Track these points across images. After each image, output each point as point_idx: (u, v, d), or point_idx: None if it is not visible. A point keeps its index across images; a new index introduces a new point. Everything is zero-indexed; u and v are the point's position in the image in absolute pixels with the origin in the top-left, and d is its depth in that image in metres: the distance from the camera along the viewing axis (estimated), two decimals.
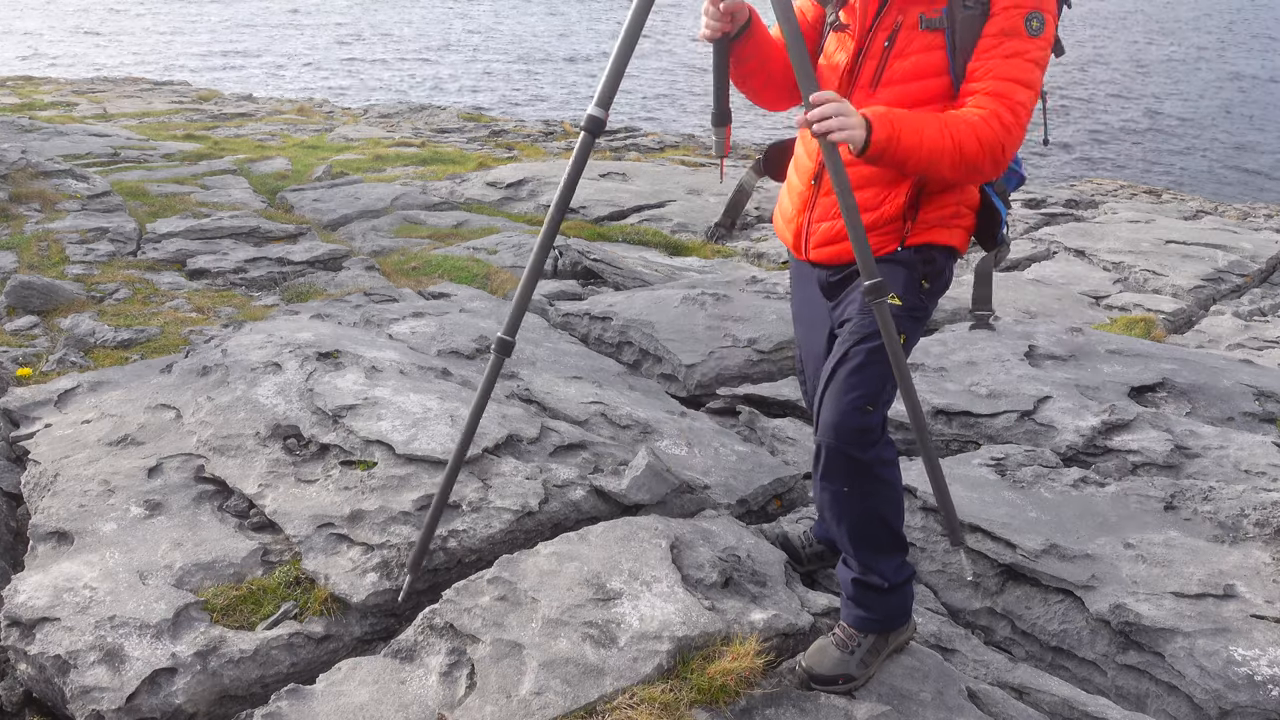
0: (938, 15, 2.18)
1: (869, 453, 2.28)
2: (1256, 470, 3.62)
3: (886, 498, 2.38)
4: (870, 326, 2.27)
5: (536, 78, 29.45)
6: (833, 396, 2.28)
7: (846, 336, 2.32)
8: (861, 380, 2.26)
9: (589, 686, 2.29)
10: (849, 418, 2.26)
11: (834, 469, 2.31)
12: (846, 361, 2.29)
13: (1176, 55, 38.72)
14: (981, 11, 2.16)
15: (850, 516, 2.37)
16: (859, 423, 2.26)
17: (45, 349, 4.56)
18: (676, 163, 11.68)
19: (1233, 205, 13.47)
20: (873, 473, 2.31)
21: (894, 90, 2.25)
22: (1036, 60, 2.17)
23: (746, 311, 5.15)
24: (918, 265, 2.34)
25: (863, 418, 2.26)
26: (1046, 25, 2.16)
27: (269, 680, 2.44)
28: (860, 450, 2.27)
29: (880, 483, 2.34)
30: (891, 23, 2.24)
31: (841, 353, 2.31)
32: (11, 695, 2.44)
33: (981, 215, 2.39)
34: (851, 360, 2.28)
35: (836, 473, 2.31)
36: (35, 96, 14.98)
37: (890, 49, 2.24)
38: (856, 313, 2.32)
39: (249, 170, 9.43)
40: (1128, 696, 2.68)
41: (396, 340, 4.37)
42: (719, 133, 2.41)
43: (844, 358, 2.29)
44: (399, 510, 2.90)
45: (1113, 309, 6.80)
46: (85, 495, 3.05)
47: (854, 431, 2.26)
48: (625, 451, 3.41)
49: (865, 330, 2.28)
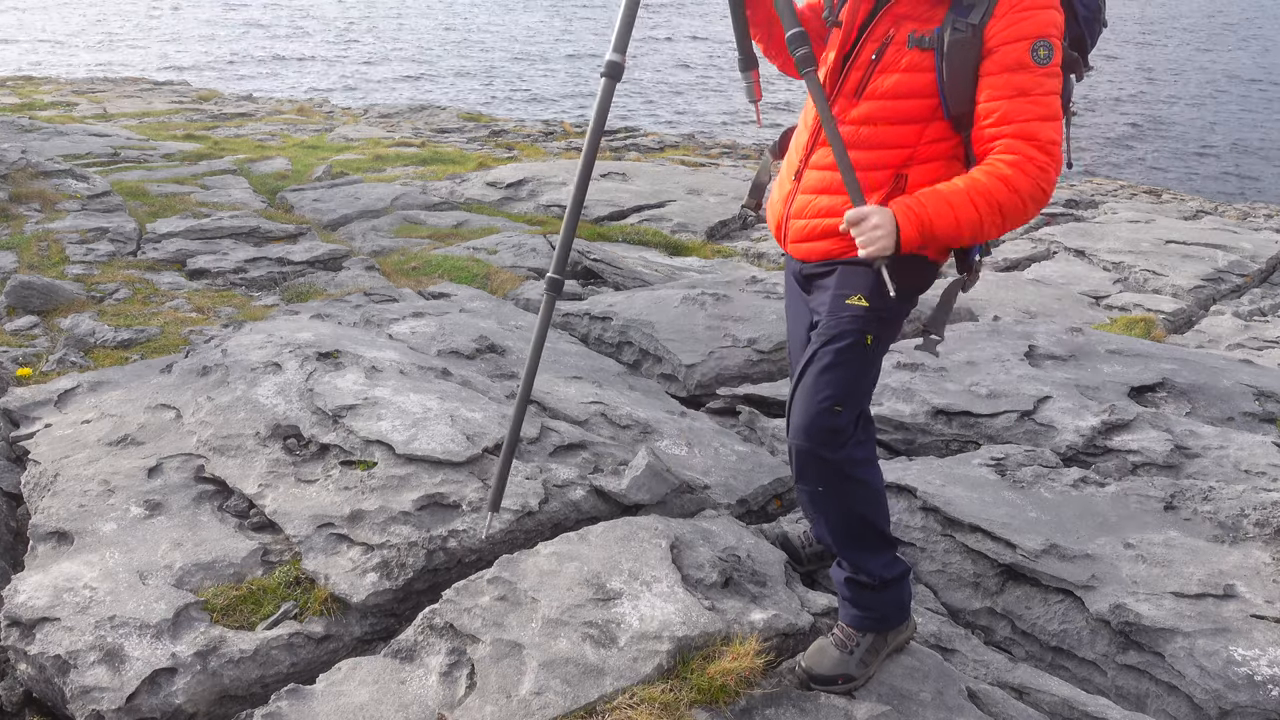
0: (929, 35, 2.16)
1: (840, 453, 2.28)
2: (1256, 470, 3.62)
3: (863, 497, 2.37)
4: (838, 327, 2.27)
5: (536, 78, 29.45)
6: (802, 397, 2.30)
7: (815, 338, 2.33)
8: (830, 381, 2.26)
9: (589, 686, 2.29)
10: (819, 419, 2.26)
11: (807, 470, 2.32)
12: (815, 362, 2.29)
13: (1176, 56, 38.73)
14: (973, 37, 2.12)
15: (830, 516, 2.38)
16: (828, 423, 2.26)
17: (45, 349, 4.56)
18: (676, 163, 11.69)
19: (1233, 205, 13.47)
20: (845, 473, 2.31)
21: (876, 104, 2.24)
22: (1053, 90, 2.13)
23: (746, 311, 5.16)
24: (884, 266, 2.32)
25: (832, 418, 2.26)
26: (1055, 50, 2.11)
27: (269, 680, 2.44)
28: (831, 451, 2.28)
29: (855, 483, 2.34)
30: (882, 35, 2.23)
31: (810, 354, 2.31)
32: (11, 695, 2.44)
33: None
34: (820, 361, 2.28)
35: (810, 474, 2.32)
36: (35, 96, 14.98)
37: (877, 62, 2.24)
38: (826, 313, 2.32)
39: (249, 170, 9.43)
40: (1128, 696, 2.68)
41: (396, 340, 4.37)
42: (747, 78, 2.47)
43: (813, 358, 2.30)
44: (399, 510, 2.90)
45: (1113, 309, 6.80)
46: (85, 495, 3.05)
47: (824, 432, 2.26)
48: (625, 451, 3.41)
49: (833, 331, 2.28)
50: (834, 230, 2.32)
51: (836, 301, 2.31)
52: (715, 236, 8.29)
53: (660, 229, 8.14)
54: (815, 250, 2.38)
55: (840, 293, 2.31)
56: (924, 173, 2.26)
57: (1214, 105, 28.76)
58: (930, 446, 3.97)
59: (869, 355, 2.31)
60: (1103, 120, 25.33)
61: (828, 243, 2.35)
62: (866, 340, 2.28)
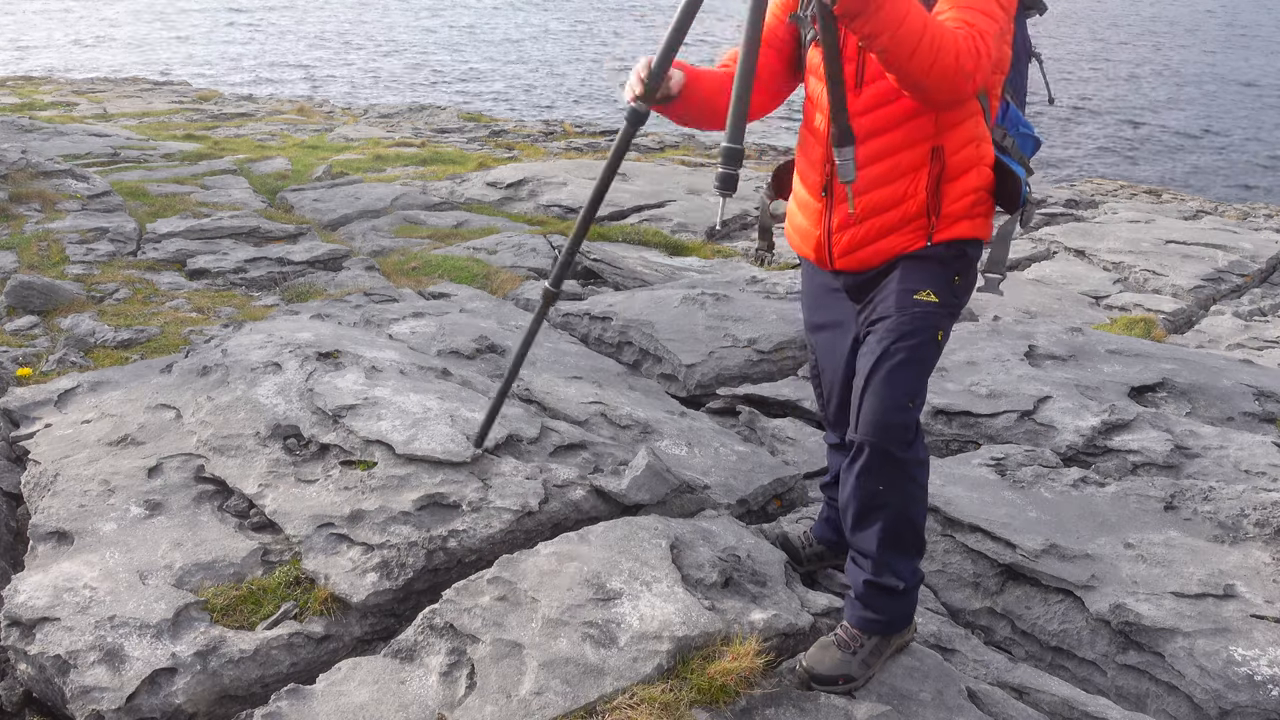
0: None
1: (908, 452, 2.29)
2: (1256, 470, 3.62)
3: (917, 499, 2.38)
4: (909, 324, 2.28)
5: (537, 78, 29.45)
6: (875, 393, 2.27)
7: (884, 334, 2.31)
8: (904, 377, 2.26)
9: (589, 686, 2.29)
10: (893, 414, 2.26)
11: (874, 467, 2.30)
12: (888, 358, 2.28)
13: (1176, 57, 38.73)
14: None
15: (883, 516, 2.36)
16: (902, 419, 2.27)
17: (45, 349, 4.56)
18: (677, 162, 11.69)
19: (1233, 205, 13.46)
20: (908, 472, 2.32)
21: (878, 86, 2.25)
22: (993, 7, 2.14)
23: (746, 311, 5.16)
24: (949, 261, 2.35)
25: (905, 414, 2.27)
26: None
27: (269, 680, 2.44)
28: (901, 448, 2.28)
29: (913, 483, 2.35)
30: None
31: (881, 350, 2.29)
32: (11, 695, 2.44)
33: (1000, 183, 2.37)
34: (894, 357, 2.27)
35: (875, 471, 2.30)
36: (35, 96, 14.98)
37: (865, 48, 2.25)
38: (894, 309, 2.31)
39: (249, 170, 9.43)
40: (1128, 696, 2.68)
41: (396, 340, 4.37)
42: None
43: (884, 354, 2.28)
44: (399, 510, 2.90)
45: (1113, 309, 6.80)
46: (85, 495, 3.05)
47: (898, 429, 2.27)
48: (625, 451, 3.40)
49: (905, 328, 2.28)
50: (892, 224, 2.32)
51: (904, 297, 2.30)
52: (715, 237, 8.29)
53: (660, 229, 8.14)
54: (877, 251, 2.37)
55: (907, 288, 2.31)
56: (958, 136, 2.28)
57: (1214, 105, 28.76)
58: (930, 446, 3.97)
59: (938, 351, 2.34)
60: (1103, 120, 25.33)
61: (886, 241, 2.35)
62: (938, 336, 2.30)
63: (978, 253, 2.42)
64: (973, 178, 2.34)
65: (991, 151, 2.35)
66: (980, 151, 2.34)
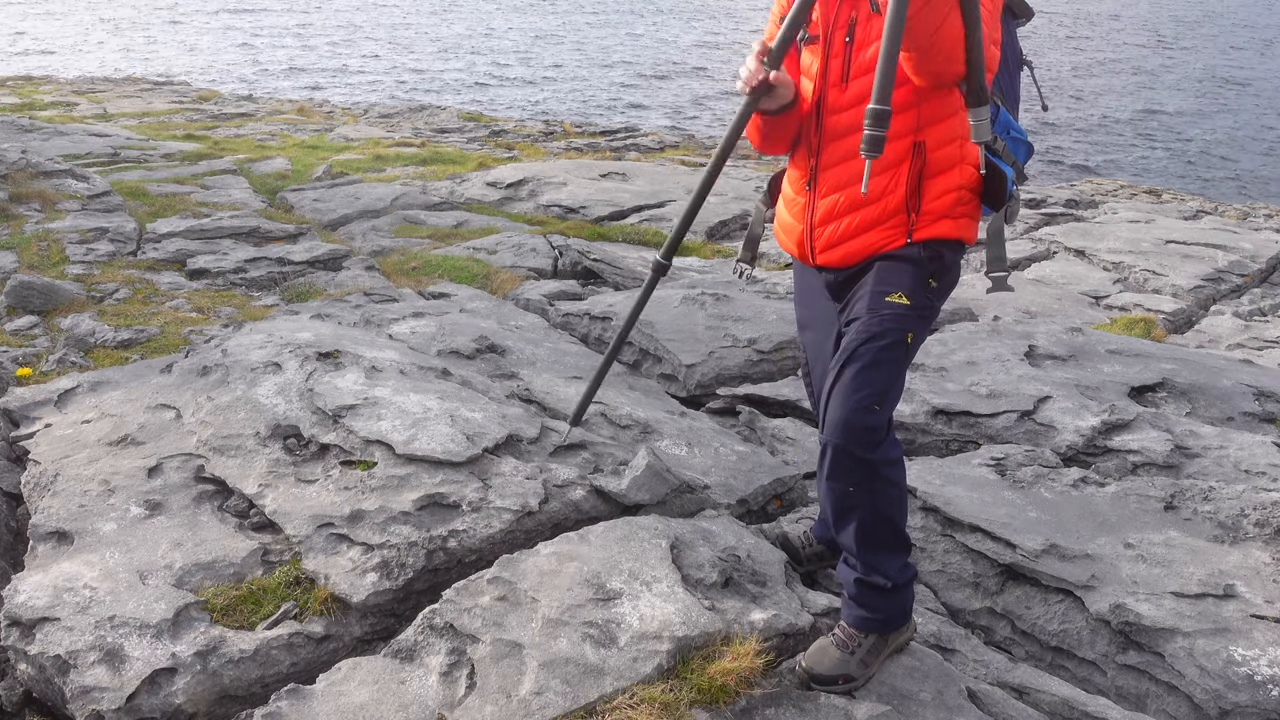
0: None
1: (875, 452, 2.28)
2: (1256, 470, 3.62)
3: (892, 498, 2.37)
4: (879, 326, 2.27)
5: (537, 78, 29.45)
6: (840, 395, 2.28)
7: (854, 335, 2.31)
8: (870, 379, 2.26)
9: (589, 686, 2.29)
10: (857, 416, 2.25)
11: (840, 468, 2.31)
12: (855, 360, 2.28)
13: (1175, 57, 38.73)
14: None
15: (856, 516, 2.36)
16: (866, 421, 2.26)
17: (45, 349, 4.56)
18: (677, 162, 11.68)
19: (1233, 205, 13.46)
20: (878, 472, 2.31)
21: (864, 80, 2.26)
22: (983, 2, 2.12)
23: (746, 311, 5.16)
24: (925, 263, 2.34)
25: (870, 416, 2.26)
26: None
27: (269, 680, 2.44)
28: (867, 450, 2.27)
29: (886, 482, 2.34)
30: (846, 19, 2.26)
31: (849, 351, 2.30)
32: (11, 695, 2.44)
33: (987, 183, 2.37)
34: (860, 359, 2.27)
35: (842, 472, 2.31)
36: (35, 96, 14.98)
37: (851, 44, 2.27)
38: (865, 311, 2.32)
39: (249, 170, 9.43)
40: (1128, 696, 2.68)
41: (396, 340, 4.37)
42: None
43: (852, 356, 2.29)
44: (399, 510, 2.90)
45: (1113, 309, 6.80)
46: (85, 495, 3.05)
47: (862, 430, 2.26)
48: (625, 451, 3.41)
49: (874, 329, 2.28)
50: (872, 219, 2.33)
51: (876, 299, 2.31)
52: (715, 236, 8.29)
53: (660, 229, 8.13)
54: (853, 249, 2.37)
55: (880, 289, 2.31)
56: (939, 133, 2.28)
57: (1214, 105, 28.76)
58: (930, 446, 3.97)
59: (908, 354, 2.33)
60: (1103, 120, 25.33)
61: (865, 237, 2.35)
62: (908, 339, 2.29)
63: (957, 255, 2.41)
64: (955, 176, 2.34)
65: (976, 151, 2.34)
66: (964, 150, 2.33)
